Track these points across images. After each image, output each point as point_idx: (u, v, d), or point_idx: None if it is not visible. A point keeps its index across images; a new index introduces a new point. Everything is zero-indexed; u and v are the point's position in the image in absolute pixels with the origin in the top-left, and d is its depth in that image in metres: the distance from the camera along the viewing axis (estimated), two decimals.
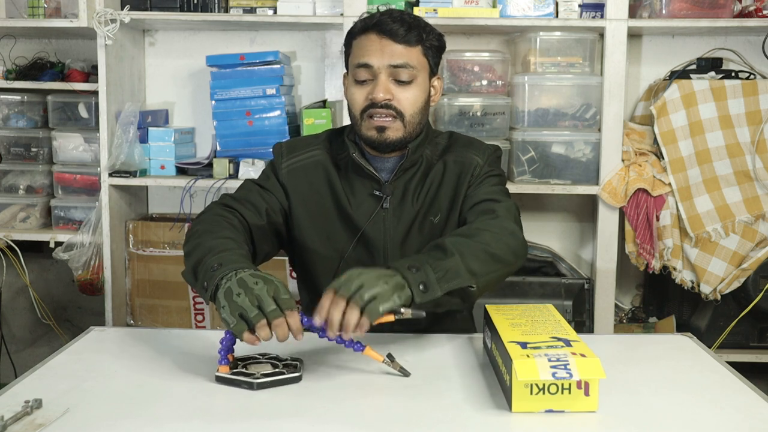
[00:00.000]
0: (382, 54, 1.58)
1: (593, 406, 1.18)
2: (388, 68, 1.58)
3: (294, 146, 1.74)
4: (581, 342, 1.24)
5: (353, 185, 1.67)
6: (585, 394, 1.17)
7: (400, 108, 1.59)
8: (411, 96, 1.60)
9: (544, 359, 1.16)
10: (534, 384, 1.17)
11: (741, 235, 2.56)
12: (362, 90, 1.61)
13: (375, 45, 1.59)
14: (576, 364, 1.15)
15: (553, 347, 1.21)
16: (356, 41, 1.63)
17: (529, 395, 1.17)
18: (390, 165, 1.68)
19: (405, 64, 1.58)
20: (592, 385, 1.17)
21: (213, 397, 1.24)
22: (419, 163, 1.68)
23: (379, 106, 1.58)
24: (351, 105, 1.64)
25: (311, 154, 1.72)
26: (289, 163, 1.71)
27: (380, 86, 1.58)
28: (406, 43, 1.59)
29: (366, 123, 1.61)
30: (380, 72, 1.58)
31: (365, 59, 1.59)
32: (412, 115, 1.61)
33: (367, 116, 1.60)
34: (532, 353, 1.19)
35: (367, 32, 1.61)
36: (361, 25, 1.63)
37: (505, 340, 1.25)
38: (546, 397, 1.17)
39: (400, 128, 1.60)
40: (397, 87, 1.59)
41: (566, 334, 1.28)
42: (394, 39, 1.58)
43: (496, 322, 1.36)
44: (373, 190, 1.66)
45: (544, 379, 1.15)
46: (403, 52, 1.58)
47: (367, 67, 1.59)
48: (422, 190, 1.67)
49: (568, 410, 1.17)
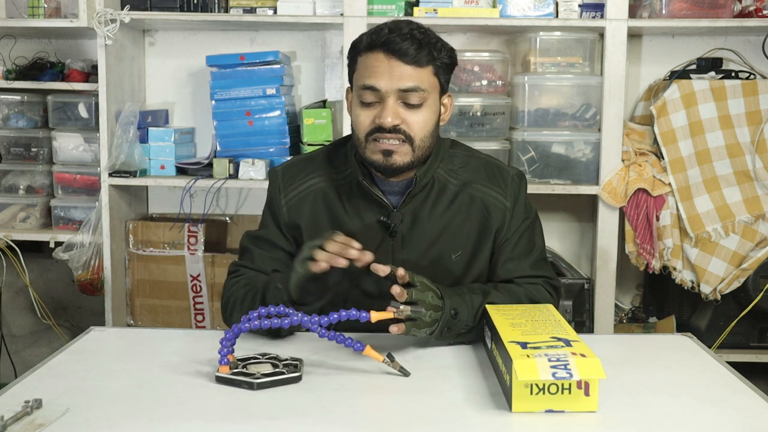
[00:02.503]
0: (390, 77, 1.47)
1: (593, 406, 1.18)
2: (397, 92, 1.47)
3: (292, 175, 1.64)
4: (581, 342, 1.24)
5: (359, 211, 1.58)
6: (585, 394, 1.17)
7: (410, 132, 1.49)
8: (421, 119, 1.50)
9: (544, 359, 1.16)
10: (534, 384, 1.17)
11: (741, 235, 2.56)
12: (368, 112, 1.50)
13: (383, 66, 1.47)
14: (576, 364, 1.15)
15: (553, 347, 1.21)
16: (362, 58, 1.52)
17: (529, 395, 1.17)
18: (399, 188, 1.58)
19: (415, 88, 1.47)
20: (592, 385, 1.17)
21: (213, 397, 1.24)
22: (430, 184, 1.58)
23: (387, 130, 1.48)
24: (355, 127, 1.53)
25: (310, 184, 1.62)
26: (289, 197, 1.62)
27: (388, 111, 1.47)
28: (416, 64, 1.47)
29: (371, 146, 1.50)
30: (388, 96, 1.47)
31: (372, 81, 1.48)
32: (422, 138, 1.51)
33: (372, 139, 1.50)
34: (532, 353, 1.19)
35: (374, 50, 1.49)
36: (368, 42, 1.50)
37: (505, 340, 1.25)
38: (546, 397, 1.17)
39: (408, 152, 1.50)
40: (406, 110, 1.49)
41: (566, 334, 1.28)
42: (404, 59, 1.47)
43: (496, 322, 1.35)
44: (380, 217, 1.57)
45: (544, 379, 1.15)
46: (412, 74, 1.47)
47: (373, 90, 1.48)
48: (435, 215, 1.58)
49: (568, 410, 1.17)
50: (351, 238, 1.39)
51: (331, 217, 1.59)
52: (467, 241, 1.60)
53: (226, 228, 2.92)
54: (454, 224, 1.59)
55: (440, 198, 1.59)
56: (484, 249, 1.61)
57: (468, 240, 1.60)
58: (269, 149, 2.70)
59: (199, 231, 2.72)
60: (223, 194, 2.93)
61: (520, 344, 1.23)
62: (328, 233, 1.42)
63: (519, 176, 1.66)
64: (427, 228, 1.58)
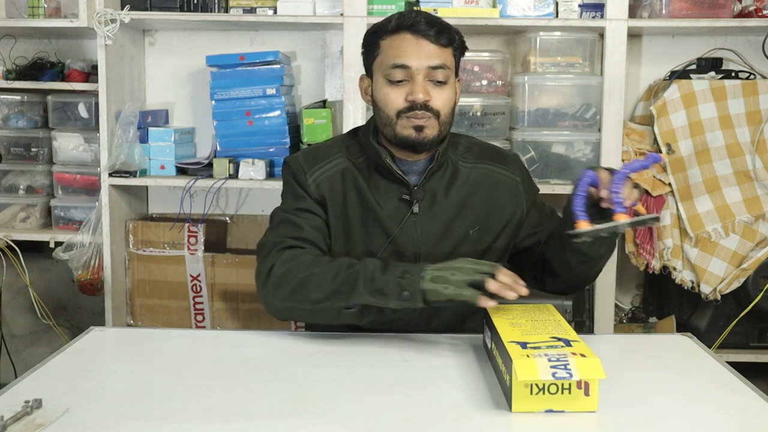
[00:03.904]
0: (419, 55, 1.56)
1: (593, 406, 1.18)
2: (426, 69, 1.57)
3: (313, 157, 1.70)
4: (581, 342, 1.24)
5: (381, 190, 1.64)
6: (585, 394, 1.17)
7: (437, 108, 1.58)
8: (446, 96, 1.60)
9: (544, 359, 1.16)
10: (534, 384, 1.17)
11: (741, 235, 2.56)
12: (398, 90, 1.58)
13: (412, 45, 1.57)
14: (576, 364, 1.15)
15: (553, 347, 1.21)
16: (386, 41, 1.61)
17: (529, 395, 1.17)
18: (418, 168, 1.65)
19: (442, 65, 1.58)
20: (592, 385, 1.17)
21: (213, 397, 1.24)
22: (445, 166, 1.67)
23: (419, 107, 1.57)
24: (384, 106, 1.60)
25: (335, 163, 1.68)
26: (315, 176, 1.66)
27: (419, 87, 1.56)
28: (440, 44, 1.58)
29: (402, 122, 1.58)
30: (418, 73, 1.57)
31: (402, 60, 1.57)
32: (446, 115, 1.61)
33: (405, 117, 1.58)
34: (532, 353, 1.19)
35: (400, 32, 1.59)
36: (395, 24, 1.60)
37: (505, 340, 1.25)
38: (546, 397, 1.17)
39: (435, 127, 1.59)
40: (433, 87, 1.58)
41: (566, 334, 1.28)
42: (430, 39, 1.57)
43: (495, 322, 1.36)
44: (402, 195, 1.63)
45: (544, 379, 1.15)
46: (439, 53, 1.58)
47: (404, 68, 1.57)
48: (452, 193, 1.66)
49: (568, 410, 1.17)
50: (515, 275, 1.42)
51: (358, 194, 1.65)
52: (483, 217, 1.68)
53: (226, 228, 2.92)
54: (470, 201, 1.67)
55: (455, 177, 1.68)
56: (500, 223, 1.69)
57: (484, 215, 1.68)
58: (269, 149, 2.70)
59: (199, 231, 2.72)
60: (223, 194, 2.93)
61: (520, 344, 1.23)
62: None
63: (518, 156, 1.82)
64: (445, 205, 1.65)
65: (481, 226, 1.67)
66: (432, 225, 1.64)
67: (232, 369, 1.37)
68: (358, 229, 1.64)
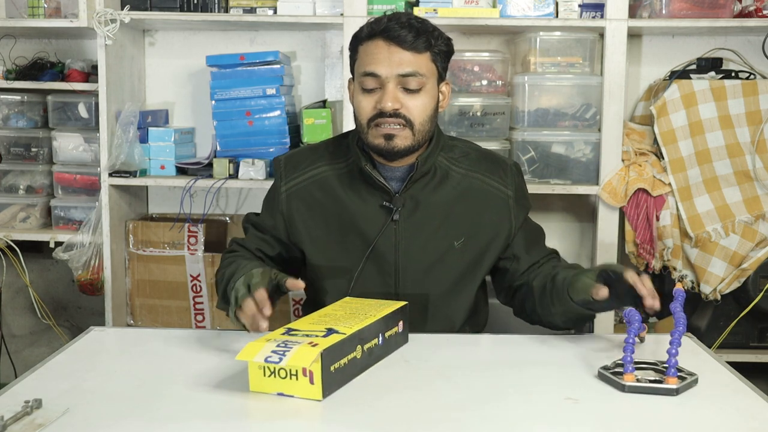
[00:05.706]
0: (390, 62, 1.53)
1: (317, 395, 1.21)
2: (397, 77, 1.54)
3: (293, 164, 1.70)
4: (342, 335, 1.26)
5: (362, 196, 1.63)
6: (310, 382, 1.21)
7: (410, 116, 1.55)
8: (420, 104, 1.56)
9: (272, 344, 1.21)
10: (266, 367, 1.22)
11: (741, 235, 2.56)
12: (369, 98, 1.57)
13: (383, 52, 1.54)
14: (294, 352, 1.18)
15: (308, 335, 1.26)
16: (363, 47, 1.59)
17: (263, 376, 1.23)
18: (400, 174, 1.63)
19: (414, 73, 1.54)
20: (316, 375, 1.20)
21: (213, 397, 1.24)
22: (432, 172, 1.64)
23: (388, 115, 1.54)
24: (358, 113, 1.60)
25: (314, 173, 1.67)
26: (289, 185, 1.68)
27: (388, 95, 1.54)
28: (415, 50, 1.54)
29: (373, 131, 1.57)
30: (388, 81, 1.54)
31: (372, 68, 1.55)
32: (422, 123, 1.57)
33: (374, 125, 1.56)
34: (277, 337, 1.24)
35: (374, 38, 1.56)
36: (368, 31, 1.57)
37: (291, 325, 1.32)
38: (277, 380, 1.22)
39: (408, 136, 1.56)
40: (405, 95, 1.55)
41: (348, 328, 1.30)
42: (402, 46, 1.53)
43: (318, 311, 1.44)
44: (383, 201, 1.62)
45: (257, 360, 1.20)
46: (411, 60, 1.54)
47: (374, 76, 1.55)
48: (437, 200, 1.63)
49: (297, 395, 1.21)
50: (265, 302, 1.40)
51: (336, 204, 1.64)
52: (469, 229, 1.64)
53: (226, 228, 2.92)
54: (456, 212, 1.64)
55: (443, 185, 1.64)
56: (485, 238, 1.65)
57: (470, 228, 1.64)
58: (269, 149, 2.70)
59: (199, 231, 2.72)
60: (223, 194, 2.93)
61: (287, 330, 1.29)
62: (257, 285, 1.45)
63: (516, 166, 1.74)
64: (429, 214, 1.62)
65: (466, 238, 1.64)
66: (413, 234, 1.61)
67: (232, 369, 1.36)
68: (336, 240, 1.63)
